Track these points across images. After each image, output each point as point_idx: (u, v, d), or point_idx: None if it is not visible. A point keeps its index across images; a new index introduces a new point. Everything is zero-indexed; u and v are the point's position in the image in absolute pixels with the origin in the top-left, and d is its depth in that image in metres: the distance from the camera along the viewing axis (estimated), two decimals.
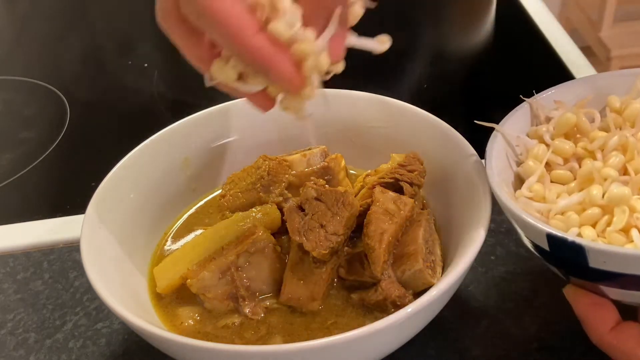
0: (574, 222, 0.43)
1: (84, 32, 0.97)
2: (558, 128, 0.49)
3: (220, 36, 0.39)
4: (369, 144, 0.55)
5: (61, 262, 0.59)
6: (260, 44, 0.38)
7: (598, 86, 0.51)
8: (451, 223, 0.50)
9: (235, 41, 0.38)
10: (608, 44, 2.05)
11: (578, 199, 0.44)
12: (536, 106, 0.50)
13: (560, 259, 0.43)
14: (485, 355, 0.49)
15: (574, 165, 0.47)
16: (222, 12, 0.37)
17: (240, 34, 0.38)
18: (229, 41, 0.38)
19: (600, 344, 0.43)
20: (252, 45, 0.38)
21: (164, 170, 0.55)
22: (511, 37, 0.86)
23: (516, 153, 0.49)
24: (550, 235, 0.41)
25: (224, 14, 0.37)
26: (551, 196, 0.45)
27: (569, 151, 0.48)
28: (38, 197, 0.70)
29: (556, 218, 0.44)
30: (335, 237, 0.45)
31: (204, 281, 0.47)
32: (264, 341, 0.46)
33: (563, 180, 0.47)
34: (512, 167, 0.49)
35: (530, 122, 0.51)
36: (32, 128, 0.79)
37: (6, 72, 0.90)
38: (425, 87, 0.69)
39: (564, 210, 0.44)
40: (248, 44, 0.38)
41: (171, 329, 0.47)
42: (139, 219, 0.53)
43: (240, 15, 0.38)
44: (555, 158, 0.48)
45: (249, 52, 0.38)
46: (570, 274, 0.44)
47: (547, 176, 0.47)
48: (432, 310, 0.44)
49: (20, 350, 0.52)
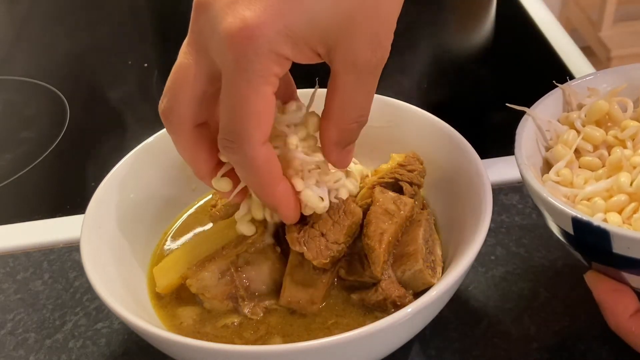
0: (600, 208, 0.43)
1: (84, 32, 0.97)
2: (590, 115, 0.49)
3: (250, 180, 0.42)
4: (369, 144, 0.55)
5: (61, 262, 0.59)
6: (280, 194, 0.42)
7: (631, 77, 0.51)
8: (451, 223, 0.50)
9: (262, 188, 0.42)
10: (608, 44, 2.05)
11: (605, 185, 0.44)
12: (569, 92, 0.50)
13: (584, 244, 0.43)
14: (485, 355, 0.49)
15: (603, 153, 0.47)
16: (259, 160, 0.40)
17: (270, 182, 0.41)
18: (256, 185, 0.42)
19: (618, 329, 0.43)
20: (274, 193, 0.42)
21: (164, 170, 0.55)
22: (511, 37, 0.86)
23: (546, 138, 0.49)
24: (575, 219, 0.41)
25: (261, 162, 0.40)
26: (579, 181, 0.45)
27: (599, 138, 0.47)
28: (38, 197, 0.70)
29: (582, 203, 0.44)
30: (336, 246, 0.45)
31: (203, 281, 0.47)
32: (264, 341, 0.46)
33: (591, 167, 0.47)
34: (541, 152, 0.49)
35: (562, 108, 0.51)
36: (32, 128, 0.79)
37: (6, 72, 0.90)
38: (425, 87, 0.69)
39: (591, 195, 0.44)
40: (270, 193, 0.42)
41: (171, 329, 0.47)
42: (139, 219, 0.53)
43: (274, 166, 0.41)
44: (585, 145, 0.48)
45: (269, 197, 0.42)
46: (593, 260, 0.44)
47: (575, 162, 0.47)
48: (432, 310, 0.44)
49: (20, 350, 0.52)
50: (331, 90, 0.40)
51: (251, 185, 0.43)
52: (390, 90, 0.57)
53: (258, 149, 0.39)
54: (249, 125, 0.38)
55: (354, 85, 0.39)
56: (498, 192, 0.62)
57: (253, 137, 0.39)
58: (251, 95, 0.38)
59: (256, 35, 0.36)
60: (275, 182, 0.42)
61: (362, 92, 0.40)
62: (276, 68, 0.38)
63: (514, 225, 0.59)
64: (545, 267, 0.55)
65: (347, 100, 0.40)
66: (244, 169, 0.41)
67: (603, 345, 0.49)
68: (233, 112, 0.38)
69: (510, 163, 0.65)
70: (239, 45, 0.37)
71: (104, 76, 0.87)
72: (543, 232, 0.58)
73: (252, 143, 0.39)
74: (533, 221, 0.59)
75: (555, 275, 0.54)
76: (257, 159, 0.39)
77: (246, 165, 0.40)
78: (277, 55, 0.37)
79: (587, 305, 0.51)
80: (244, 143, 0.39)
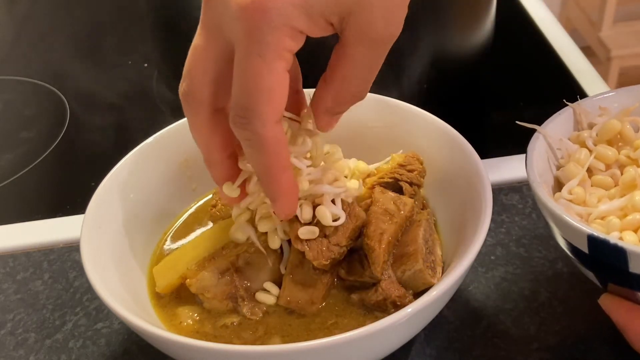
0: (615, 226, 0.43)
1: (84, 32, 0.97)
2: (601, 134, 0.49)
3: (256, 160, 0.40)
4: (369, 144, 0.55)
5: (61, 262, 0.59)
6: (285, 183, 0.41)
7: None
8: (451, 223, 0.50)
9: (268, 171, 0.40)
10: (608, 44, 2.05)
11: (620, 204, 0.44)
12: (579, 111, 0.50)
13: (599, 263, 0.42)
14: (485, 355, 0.49)
15: (615, 172, 0.47)
16: (269, 139, 0.38)
17: (276, 166, 0.40)
18: (262, 167, 0.40)
19: None
20: (279, 181, 0.41)
21: (164, 170, 0.55)
22: (511, 37, 0.86)
23: (557, 157, 0.49)
24: (591, 237, 0.40)
25: (270, 141, 0.39)
26: (592, 200, 0.45)
27: (611, 157, 0.47)
28: (38, 197, 0.70)
29: (596, 222, 0.44)
30: (338, 248, 0.45)
31: (203, 281, 0.47)
32: (263, 341, 0.46)
33: (604, 186, 0.47)
34: (552, 171, 0.49)
35: (572, 127, 0.51)
36: (32, 128, 0.79)
37: (6, 72, 0.90)
38: (425, 87, 0.69)
39: (605, 214, 0.44)
40: (275, 178, 0.41)
41: (170, 329, 0.47)
42: (139, 218, 0.53)
43: (283, 148, 0.40)
44: (597, 164, 0.48)
45: (272, 183, 0.41)
46: (608, 280, 0.44)
47: (588, 181, 0.47)
48: (432, 310, 0.44)
49: (20, 350, 0.52)
50: (337, 58, 0.39)
51: (257, 167, 0.41)
52: (390, 90, 0.57)
53: (269, 127, 0.38)
54: (260, 101, 0.37)
55: (361, 56, 0.39)
56: (498, 192, 0.62)
57: (264, 114, 0.38)
58: (264, 70, 0.37)
59: (269, 8, 0.35)
60: (282, 167, 0.40)
61: (368, 65, 0.40)
62: (290, 42, 0.37)
63: (514, 225, 0.59)
64: (545, 267, 0.55)
65: (351, 71, 0.40)
66: (251, 148, 0.40)
67: (603, 345, 0.49)
68: (245, 88, 0.38)
69: (510, 163, 0.65)
70: (252, 18, 0.36)
71: (104, 76, 0.87)
72: (543, 232, 0.58)
73: (263, 120, 0.38)
74: (533, 221, 0.59)
75: (555, 275, 0.54)
76: (266, 137, 0.38)
77: (255, 143, 0.39)
78: (291, 28, 0.36)
79: (587, 305, 0.51)
80: (255, 119, 0.38)
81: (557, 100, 0.51)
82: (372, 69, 0.40)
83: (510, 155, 0.66)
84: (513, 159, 0.66)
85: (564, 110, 0.51)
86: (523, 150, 0.65)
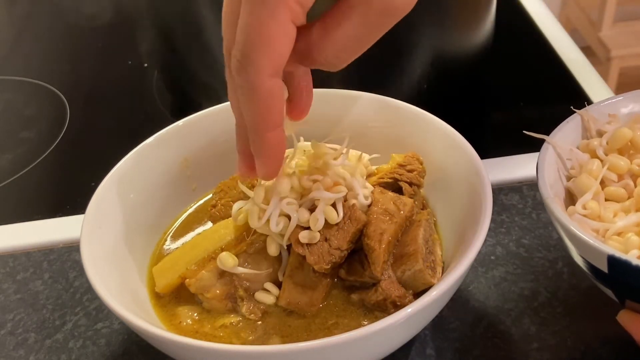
0: (635, 244, 0.41)
1: (84, 32, 0.97)
2: (612, 143, 0.48)
3: (247, 109, 0.39)
4: (369, 144, 0.55)
5: (61, 262, 0.59)
6: (270, 141, 0.40)
7: None
8: (451, 223, 0.50)
9: (256, 124, 0.39)
10: (608, 44, 2.05)
11: (637, 219, 0.43)
12: (587, 118, 0.49)
13: (619, 282, 0.41)
14: (485, 355, 0.49)
15: (628, 183, 0.46)
16: (262, 91, 0.37)
17: (265, 120, 0.39)
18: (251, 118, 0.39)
19: None
20: (264, 137, 0.39)
21: (164, 170, 0.55)
22: (511, 37, 0.86)
23: (566, 167, 0.48)
24: (612, 257, 0.39)
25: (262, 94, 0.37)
26: (607, 215, 0.44)
27: (624, 168, 0.46)
28: (38, 197, 0.70)
29: (613, 239, 0.43)
30: (339, 252, 0.45)
31: (202, 281, 0.47)
32: (262, 341, 0.45)
33: (617, 198, 0.46)
34: (562, 181, 0.47)
35: (580, 135, 0.50)
36: (32, 128, 0.79)
37: (6, 72, 0.90)
38: (426, 87, 0.69)
39: (622, 230, 0.43)
40: (261, 134, 0.39)
41: (170, 329, 0.47)
42: (138, 219, 0.53)
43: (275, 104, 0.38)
44: (609, 174, 0.46)
45: (258, 138, 0.40)
46: (626, 297, 0.43)
47: (601, 193, 0.46)
48: (432, 310, 0.44)
49: (20, 350, 0.52)
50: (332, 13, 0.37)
51: (246, 119, 0.40)
52: (390, 90, 0.57)
53: (263, 79, 0.37)
54: (258, 49, 0.36)
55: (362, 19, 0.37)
56: (498, 192, 0.62)
57: (260, 64, 0.36)
58: (266, 18, 0.35)
59: None
60: (270, 123, 0.39)
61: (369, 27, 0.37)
62: None
63: (514, 225, 0.59)
64: (545, 267, 0.55)
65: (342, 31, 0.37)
66: (244, 95, 0.38)
67: (603, 345, 0.49)
68: (246, 33, 0.36)
69: (510, 163, 0.65)
70: None
71: (104, 76, 0.87)
72: (543, 232, 0.58)
73: (258, 70, 0.36)
74: (533, 221, 0.59)
75: (555, 275, 0.54)
76: (259, 88, 0.37)
77: (247, 91, 0.38)
78: None
79: (587, 305, 0.51)
80: (250, 66, 0.37)
81: (557, 100, 0.51)
82: (364, 39, 0.38)
83: (510, 155, 0.66)
84: (513, 159, 0.66)
85: (572, 117, 0.49)
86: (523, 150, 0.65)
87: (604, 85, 0.76)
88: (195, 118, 0.57)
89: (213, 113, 0.57)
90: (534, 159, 0.47)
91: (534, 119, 0.72)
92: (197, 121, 0.57)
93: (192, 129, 0.57)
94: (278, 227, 0.45)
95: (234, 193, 0.52)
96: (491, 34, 0.77)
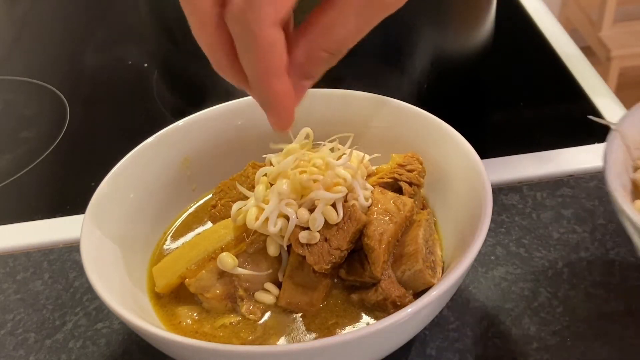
0: None
1: (84, 32, 0.97)
2: None
3: (248, 60, 0.38)
4: (369, 144, 0.55)
5: (61, 262, 0.59)
6: (279, 88, 0.38)
7: None
8: (451, 223, 0.50)
9: (259, 75, 0.38)
10: (608, 44, 2.05)
11: None
12: None
13: None
14: (485, 355, 0.49)
15: None
16: (264, 41, 0.36)
17: (269, 69, 0.37)
18: (254, 70, 0.38)
19: None
20: (272, 86, 0.38)
21: (164, 170, 0.55)
22: (511, 37, 0.86)
23: (632, 157, 0.46)
24: None
25: (265, 43, 0.36)
26: None
27: None
28: (38, 197, 0.70)
29: None
30: (339, 252, 0.45)
31: (202, 281, 0.47)
32: (262, 341, 0.45)
33: None
34: (629, 172, 0.45)
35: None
36: (32, 128, 0.79)
37: (6, 72, 0.90)
38: (425, 87, 0.69)
39: None
40: (268, 83, 0.38)
41: (169, 329, 0.47)
42: (138, 219, 0.53)
43: (278, 52, 0.37)
44: None
45: (265, 89, 0.38)
46: None
47: None
48: (432, 310, 0.44)
49: (20, 350, 0.52)
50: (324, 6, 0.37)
51: (249, 70, 0.38)
52: (390, 90, 0.57)
53: (265, 28, 0.36)
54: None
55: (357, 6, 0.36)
56: (498, 192, 0.62)
57: (262, 12, 0.35)
58: None
59: None
60: (274, 72, 0.37)
61: (359, 17, 0.37)
62: None
63: (514, 225, 0.59)
64: (545, 267, 0.55)
65: (339, 19, 0.37)
66: (245, 45, 0.37)
67: (603, 345, 0.49)
68: None
69: (510, 163, 0.65)
70: None
71: (104, 76, 0.87)
72: (543, 232, 0.58)
73: (260, 19, 0.35)
74: (533, 221, 0.59)
75: (555, 275, 0.54)
76: (261, 38, 0.36)
77: (248, 41, 0.36)
78: None
79: (587, 305, 0.51)
80: (252, 14, 0.36)
81: (557, 100, 0.51)
82: (362, 23, 0.37)
83: (510, 155, 0.66)
84: (513, 159, 0.66)
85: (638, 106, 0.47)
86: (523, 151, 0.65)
87: (604, 85, 0.76)
88: (195, 118, 0.57)
89: (213, 113, 0.57)
90: (534, 159, 0.47)
91: (534, 119, 0.72)
92: (197, 121, 0.57)
93: (192, 129, 0.57)
94: (276, 228, 0.45)
95: (234, 193, 0.52)
96: (491, 34, 0.77)
